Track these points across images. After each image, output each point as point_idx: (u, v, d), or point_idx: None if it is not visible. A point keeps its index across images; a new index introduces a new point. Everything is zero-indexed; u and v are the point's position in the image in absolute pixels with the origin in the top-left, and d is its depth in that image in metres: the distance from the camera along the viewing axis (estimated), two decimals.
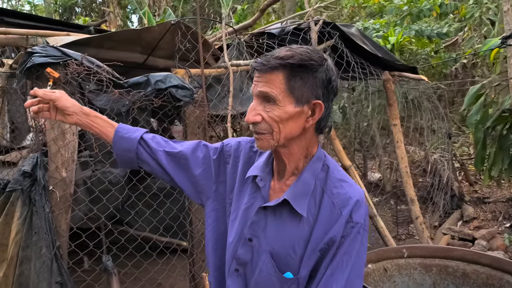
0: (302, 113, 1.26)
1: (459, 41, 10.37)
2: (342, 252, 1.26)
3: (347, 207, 1.28)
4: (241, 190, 1.44)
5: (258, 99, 1.26)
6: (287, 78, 1.22)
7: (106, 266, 2.99)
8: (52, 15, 17.98)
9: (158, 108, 3.21)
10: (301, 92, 1.24)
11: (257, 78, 1.26)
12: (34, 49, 2.85)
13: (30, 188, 2.85)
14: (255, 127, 1.27)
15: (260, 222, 1.35)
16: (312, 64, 1.23)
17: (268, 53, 1.27)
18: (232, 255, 1.39)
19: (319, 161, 1.36)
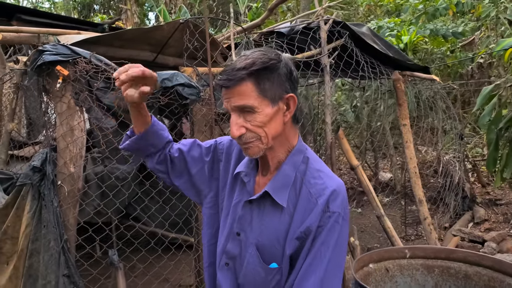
0: (279, 110, 1.31)
1: (476, 40, 10.22)
2: (320, 242, 1.29)
3: (322, 197, 1.31)
4: (232, 187, 1.49)
5: (236, 113, 1.29)
6: (256, 85, 1.26)
7: (112, 260, 3.06)
8: (70, 12, 18.25)
9: (165, 106, 3.26)
10: (272, 91, 1.28)
11: (227, 94, 1.28)
12: (44, 47, 2.92)
13: (40, 183, 2.93)
14: (242, 139, 1.31)
15: (246, 217, 1.40)
16: (273, 63, 1.28)
17: (226, 68, 1.30)
18: (222, 250, 1.45)
19: (300, 153, 1.40)
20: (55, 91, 2.96)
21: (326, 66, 4.45)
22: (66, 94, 2.97)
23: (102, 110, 3.09)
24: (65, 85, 2.95)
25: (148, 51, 3.99)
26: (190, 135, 3.61)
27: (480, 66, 10.40)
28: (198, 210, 3.54)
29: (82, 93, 2.98)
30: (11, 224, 3.07)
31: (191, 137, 3.59)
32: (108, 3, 19.90)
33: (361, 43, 4.84)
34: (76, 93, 2.99)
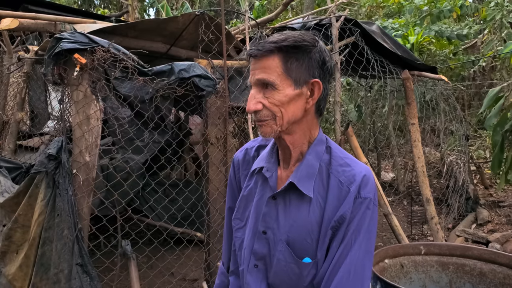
0: (301, 95, 1.26)
1: (479, 43, 10.27)
2: (352, 229, 1.26)
3: (354, 183, 1.27)
4: (250, 188, 1.45)
5: (257, 87, 1.25)
6: (283, 61, 1.22)
7: (125, 250, 3.04)
8: (71, 6, 18.13)
9: (181, 97, 3.24)
10: (298, 73, 1.24)
11: (253, 66, 1.25)
12: (62, 35, 2.90)
13: (55, 171, 2.90)
14: (257, 115, 1.26)
15: (272, 213, 1.35)
16: (306, 45, 1.23)
17: (259, 41, 1.27)
18: (249, 251, 1.39)
19: (322, 144, 1.36)
20: (72, 79, 2.93)
21: (337, 63, 4.45)
22: (83, 83, 2.95)
23: (119, 100, 3.07)
24: (82, 73, 2.93)
25: (161, 43, 3.97)
26: (204, 128, 3.59)
27: (482, 69, 10.44)
28: (211, 204, 3.53)
29: (99, 82, 2.95)
30: (22, 212, 3.05)
31: (204, 130, 3.58)
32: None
33: (371, 42, 4.85)
34: (93, 82, 2.97)
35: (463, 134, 6.59)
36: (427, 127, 6.95)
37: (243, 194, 1.46)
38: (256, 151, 1.49)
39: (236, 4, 15.78)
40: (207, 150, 3.55)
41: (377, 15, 12.63)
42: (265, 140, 1.50)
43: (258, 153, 1.48)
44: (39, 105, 5.68)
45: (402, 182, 7.81)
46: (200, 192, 3.66)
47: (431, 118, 6.47)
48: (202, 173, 3.65)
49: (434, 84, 6.18)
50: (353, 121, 8.11)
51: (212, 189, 3.54)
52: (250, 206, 1.42)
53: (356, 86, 8.08)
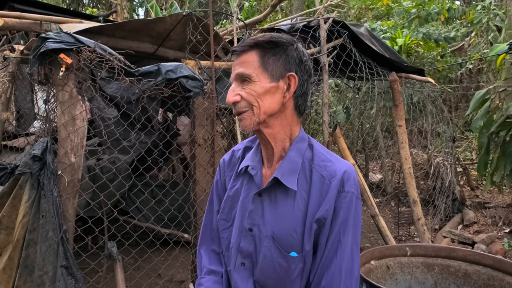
0: (278, 88, 1.32)
1: (466, 46, 10.37)
2: (339, 223, 1.30)
3: (335, 178, 1.32)
4: (233, 185, 1.48)
5: (236, 81, 1.33)
6: (260, 56, 1.30)
7: (111, 252, 3.01)
8: (59, 5, 17.98)
9: (168, 98, 3.23)
10: (275, 67, 1.31)
11: (234, 63, 1.33)
12: (48, 34, 2.87)
13: (39, 172, 2.87)
14: (236, 107, 1.32)
15: (257, 210, 1.38)
16: (282, 42, 1.32)
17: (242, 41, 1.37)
18: (236, 250, 1.42)
19: (304, 141, 1.41)
20: (58, 79, 2.90)
21: (325, 65, 4.46)
22: (68, 83, 2.92)
23: (105, 100, 3.05)
24: (68, 73, 2.90)
25: (148, 43, 3.95)
26: (191, 129, 3.58)
27: (469, 72, 10.55)
28: (197, 205, 3.52)
29: (85, 82, 2.93)
30: (6, 214, 3.00)
31: (192, 131, 3.56)
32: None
33: (359, 44, 4.87)
34: (79, 82, 2.94)
35: (450, 136, 6.65)
36: (414, 128, 7.00)
37: (229, 194, 1.48)
38: (242, 152, 1.53)
39: (226, 5, 15.78)
40: (194, 151, 3.54)
41: (366, 17, 12.71)
42: (251, 142, 1.54)
43: (244, 154, 1.52)
44: (25, 105, 5.62)
45: (389, 183, 7.86)
46: (187, 193, 3.65)
47: (418, 120, 6.52)
48: (189, 174, 3.64)
49: (421, 86, 6.23)
50: (341, 123, 8.14)
51: (199, 190, 3.53)
52: (236, 206, 1.45)
53: (344, 88, 8.11)
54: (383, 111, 7.47)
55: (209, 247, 1.59)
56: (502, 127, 5.89)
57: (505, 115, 5.82)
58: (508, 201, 6.68)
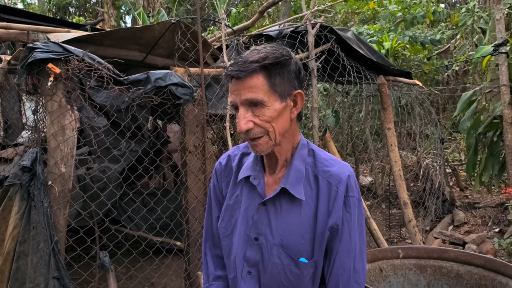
0: (287, 107, 1.32)
1: (451, 48, 10.50)
2: (347, 227, 1.34)
3: (342, 183, 1.34)
4: (233, 193, 1.48)
5: (244, 107, 1.28)
6: (267, 78, 1.26)
7: (103, 262, 2.99)
8: (45, 14, 17.88)
9: (158, 105, 3.22)
10: (282, 87, 1.29)
11: (237, 86, 1.27)
12: (36, 44, 2.85)
13: (29, 183, 2.85)
14: (249, 134, 1.30)
15: (263, 219, 1.38)
16: (285, 59, 1.29)
17: (238, 60, 1.28)
18: (242, 259, 1.42)
19: (304, 147, 1.42)
20: (46, 89, 2.89)
21: (313, 70, 4.49)
22: (57, 93, 2.91)
23: (94, 109, 3.03)
24: (57, 83, 2.89)
25: (137, 51, 3.94)
26: (182, 136, 3.57)
27: (455, 73, 10.67)
28: (190, 213, 3.51)
29: (74, 92, 2.92)
30: None
31: (182, 138, 3.56)
32: (84, 5, 19.61)
33: (347, 48, 4.91)
34: (68, 92, 2.93)
35: (438, 138, 6.71)
36: (403, 131, 7.06)
37: (228, 203, 1.48)
38: (239, 159, 1.52)
39: (213, 12, 15.82)
40: (185, 158, 3.53)
41: (352, 22, 12.80)
42: (247, 147, 1.53)
43: (241, 161, 1.51)
44: (12, 115, 5.57)
45: (380, 186, 7.90)
46: (179, 200, 3.63)
47: (407, 122, 6.57)
48: (181, 182, 3.63)
49: (409, 89, 6.29)
50: (331, 127, 8.17)
51: (191, 198, 3.52)
52: (236, 214, 1.45)
53: (333, 92, 8.16)
54: (372, 114, 7.52)
55: (212, 253, 1.59)
56: (489, 127, 5.97)
57: (491, 116, 5.90)
58: (497, 200, 6.75)
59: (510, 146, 5.50)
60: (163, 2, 16.54)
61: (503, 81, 5.52)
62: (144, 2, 16.03)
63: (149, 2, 16.17)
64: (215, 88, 3.82)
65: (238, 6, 12.72)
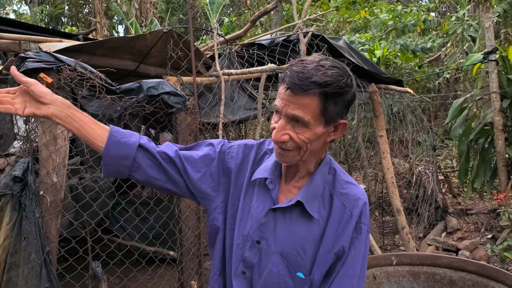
0: (326, 132, 1.28)
1: (442, 56, 10.60)
2: (352, 254, 1.31)
3: (357, 208, 1.32)
4: (247, 191, 1.44)
5: (287, 119, 1.23)
6: (322, 103, 1.21)
7: (96, 272, 2.97)
8: (37, 24, 17.87)
9: (150, 114, 3.22)
10: (331, 114, 1.24)
11: (288, 98, 1.21)
12: (27, 54, 2.85)
13: (21, 193, 2.82)
14: (281, 145, 1.27)
15: (269, 224, 1.36)
16: (346, 90, 1.23)
17: (300, 68, 1.20)
18: (239, 258, 1.39)
19: (327, 165, 1.39)
20: None
21: None
22: None
23: None
24: None
25: (129, 60, 3.94)
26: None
27: (446, 81, 10.77)
28: (182, 222, 3.49)
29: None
30: None
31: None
32: (77, 15, 19.62)
33: (339, 56, 4.94)
34: None
35: (430, 145, 6.76)
36: (395, 138, 7.10)
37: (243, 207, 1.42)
38: (261, 156, 1.47)
39: (206, 21, 15.88)
40: None
41: (344, 30, 12.90)
42: (271, 148, 1.48)
43: (262, 159, 1.47)
44: (4, 125, 5.54)
45: (373, 193, 7.92)
46: (172, 210, 3.62)
47: (399, 129, 6.61)
48: None
49: (400, 97, 6.33)
50: None
51: (184, 207, 3.51)
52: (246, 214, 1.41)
53: None
54: (364, 122, 7.56)
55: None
56: (481, 134, 6.03)
57: (482, 123, 5.96)
58: (489, 207, 6.79)
59: (501, 153, 5.55)
60: (155, 12, 16.60)
61: (493, 88, 5.59)
62: (136, 12, 16.06)
63: (142, 11, 16.21)
64: (208, 96, 3.83)
65: (230, 16, 12.79)
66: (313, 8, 13.81)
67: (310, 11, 12.40)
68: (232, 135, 6.34)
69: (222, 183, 1.49)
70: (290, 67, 1.23)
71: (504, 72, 5.81)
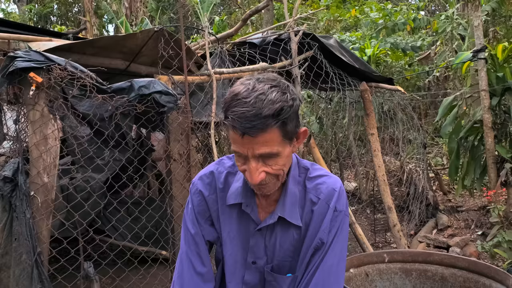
0: (293, 146, 1.28)
1: (432, 54, 10.66)
2: (329, 242, 1.33)
3: (332, 199, 1.34)
4: (224, 217, 1.43)
5: (255, 159, 1.21)
6: (282, 130, 1.19)
7: (88, 272, 2.95)
8: (26, 23, 17.70)
9: (141, 114, 3.21)
10: (292, 131, 1.23)
11: (248, 142, 1.17)
12: (17, 53, 2.82)
13: (11, 194, 2.80)
14: (261, 182, 1.25)
15: (259, 244, 1.40)
16: (296, 103, 1.21)
17: (245, 111, 1.13)
18: (240, 282, 1.43)
19: (296, 167, 1.41)
20: (28, 98, 2.85)
21: (297, 77, 4.52)
22: (39, 102, 2.87)
23: (77, 118, 3.01)
24: (39, 92, 2.86)
25: (120, 59, 3.92)
26: (166, 144, 3.56)
27: (436, 79, 10.84)
28: (175, 221, 3.49)
29: (57, 101, 2.89)
30: None
31: (167, 146, 3.54)
32: (66, 14, 19.47)
33: (330, 55, 4.95)
34: (50, 101, 2.90)
35: (421, 143, 6.80)
36: (386, 136, 7.13)
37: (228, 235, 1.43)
38: (225, 178, 1.44)
39: (196, 20, 15.84)
40: (170, 166, 3.51)
41: (334, 29, 12.93)
42: (233, 166, 1.45)
43: (227, 181, 1.44)
44: None
45: (364, 191, 7.96)
46: (164, 209, 3.61)
47: (389, 127, 6.64)
48: (166, 190, 3.61)
49: (391, 95, 6.36)
50: (315, 133, 8.22)
51: (176, 206, 3.50)
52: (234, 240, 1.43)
53: (317, 99, 8.22)
54: (355, 120, 7.59)
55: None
56: (470, 132, 6.07)
57: (472, 121, 6.00)
58: (479, 204, 6.85)
59: (490, 150, 5.59)
60: (146, 11, 16.52)
61: (482, 86, 5.63)
62: (126, 11, 15.97)
63: (132, 10, 16.12)
64: (199, 95, 3.82)
65: (221, 14, 12.77)
66: (304, 6, 13.83)
67: (301, 9, 12.42)
68: (224, 134, 6.33)
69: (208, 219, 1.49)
70: (230, 110, 1.15)
71: (493, 70, 5.85)
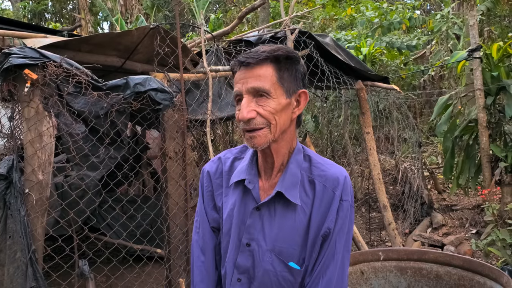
0: (290, 105, 1.30)
1: (427, 54, 10.70)
2: (336, 231, 1.32)
3: (338, 187, 1.33)
4: (227, 198, 1.43)
5: (249, 96, 1.26)
6: (276, 70, 1.26)
7: (83, 270, 2.94)
8: (20, 20, 17.59)
9: (137, 111, 3.20)
10: (289, 83, 1.29)
11: (244, 74, 1.26)
12: (11, 50, 2.80)
13: (5, 191, 2.78)
14: (250, 124, 1.25)
15: (256, 224, 1.35)
16: (295, 57, 1.30)
17: (249, 51, 1.29)
18: (232, 265, 1.39)
19: (300, 153, 1.40)
20: (23, 95, 2.83)
21: None
22: (34, 99, 2.85)
23: (73, 116, 2.99)
24: (34, 89, 2.84)
25: (116, 57, 3.90)
26: (162, 142, 3.55)
27: (431, 78, 10.87)
28: (170, 220, 3.48)
29: (52, 98, 2.87)
30: None
31: (162, 143, 3.54)
32: (60, 11, 19.37)
33: (326, 53, 4.95)
34: (45, 98, 2.88)
35: (416, 141, 6.82)
36: (381, 135, 7.16)
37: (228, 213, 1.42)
38: (231, 162, 1.47)
39: (192, 17, 15.80)
40: (165, 164, 3.50)
41: (330, 28, 12.93)
42: (240, 152, 1.49)
43: (233, 165, 1.47)
44: None
45: (359, 189, 7.97)
46: (159, 207, 3.60)
47: (385, 126, 6.66)
48: (161, 188, 3.60)
49: (386, 94, 6.38)
50: (311, 132, 8.23)
51: (171, 204, 3.49)
52: (233, 219, 1.40)
53: (312, 97, 8.22)
54: (351, 119, 7.61)
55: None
56: (465, 131, 6.10)
57: (467, 120, 6.03)
58: (473, 202, 6.88)
59: (485, 149, 5.62)
60: (141, 8, 16.45)
61: (477, 85, 5.65)
62: (122, 8, 15.89)
63: (127, 8, 16.04)
64: (195, 93, 3.81)
65: (217, 12, 12.75)
66: (300, 5, 13.82)
67: (297, 8, 12.42)
68: (219, 132, 6.33)
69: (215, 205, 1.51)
70: (241, 54, 1.31)
71: (488, 70, 5.88)
